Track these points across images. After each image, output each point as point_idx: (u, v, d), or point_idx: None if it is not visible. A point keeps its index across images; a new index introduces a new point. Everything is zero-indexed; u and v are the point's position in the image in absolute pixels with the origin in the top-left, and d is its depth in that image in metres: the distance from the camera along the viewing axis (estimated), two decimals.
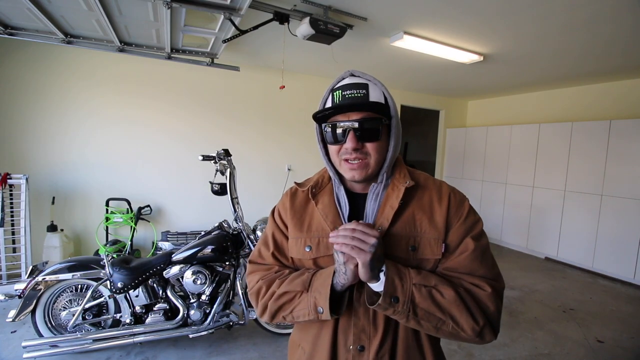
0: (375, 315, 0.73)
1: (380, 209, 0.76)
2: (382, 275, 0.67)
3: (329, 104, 0.76)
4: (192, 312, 2.21)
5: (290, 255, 0.82)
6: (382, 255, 0.68)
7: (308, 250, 0.79)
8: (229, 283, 2.31)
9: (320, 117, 0.74)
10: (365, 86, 0.72)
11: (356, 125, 0.71)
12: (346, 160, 0.74)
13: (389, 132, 0.76)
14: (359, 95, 0.71)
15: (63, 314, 2.18)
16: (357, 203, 0.80)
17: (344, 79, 0.76)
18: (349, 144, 0.71)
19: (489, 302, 0.69)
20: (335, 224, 0.77)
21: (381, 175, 0.77)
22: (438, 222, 0.75)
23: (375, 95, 0.72)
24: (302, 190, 0.85)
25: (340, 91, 0.73)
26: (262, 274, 0.83)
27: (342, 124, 0.72)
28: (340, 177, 0.81)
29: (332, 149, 0.76)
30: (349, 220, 0.78)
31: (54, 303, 2.21)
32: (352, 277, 0.68)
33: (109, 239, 3.55)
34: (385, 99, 0.74)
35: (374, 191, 0.78)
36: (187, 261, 2.20)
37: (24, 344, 1.99)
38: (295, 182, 0.89)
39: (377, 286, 0.68)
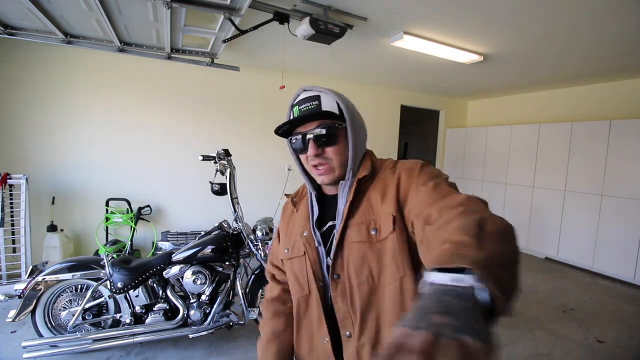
0: (353, 302, 0.75)
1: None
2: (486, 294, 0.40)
3: None
4: (192, 312, 2.21)
5: (280, 258, 0.92)
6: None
7: (286, 251, 0.88)
8: (229, 283, 2.31)
9: (286, 131, 0.80)
10: (317, 97, 0.78)
11: (313, 133, 0.77)
12: (314, 166, 0.80)
13: (346, 134, 0.80)
14: (312, 106, 0.78)
15: (63, 314, 2.18)
16: (328, 205, 0.85)
17: (299, 95, 0.82)
18: (310, 150, 0.78)
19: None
20: (304, 229, 0.84)
21: (347, 173, 0.81)
22: (389, 195, 0.74)
23: (327, 104, 0.78)
24: (288, 200, 0.95)
25: (297, 106, 0.80)
26: (270, 284, 0.98)
27: (301, 135, 0.78)
28: (315, 183, 0.87)
29: (302, 158, 0.83)
30: (317, 223, 0.83)
31: (54, 303, 2.21)
32: None
33: (109, 239, 3.55)
34: (338, 105, 0.79)
35: (343, 190, 0.81)
36: (187, 261, 2.20)
37: (24, 344, 1.99)
38: (285, 194, 0.98)
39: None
